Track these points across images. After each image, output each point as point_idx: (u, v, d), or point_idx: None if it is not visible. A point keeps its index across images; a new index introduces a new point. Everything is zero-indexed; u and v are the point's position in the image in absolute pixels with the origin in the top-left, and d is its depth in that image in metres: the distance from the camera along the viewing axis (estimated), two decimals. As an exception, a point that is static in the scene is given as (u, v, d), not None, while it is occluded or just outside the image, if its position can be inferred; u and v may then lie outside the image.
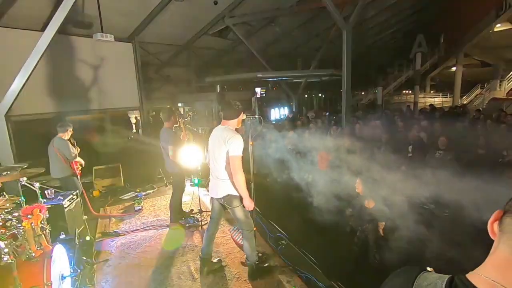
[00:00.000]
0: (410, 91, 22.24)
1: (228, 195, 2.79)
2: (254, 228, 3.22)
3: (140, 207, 4.81)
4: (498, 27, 15.08)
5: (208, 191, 3.30)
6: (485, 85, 18.64)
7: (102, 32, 7.82)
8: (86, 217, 4.09)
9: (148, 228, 4.15)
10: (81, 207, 4.07)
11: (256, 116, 3.10)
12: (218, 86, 11.66)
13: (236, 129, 2.84)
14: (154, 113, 14.77)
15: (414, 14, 19.50)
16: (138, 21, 10.51)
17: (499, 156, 5.24)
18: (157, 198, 5.29)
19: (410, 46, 19.22)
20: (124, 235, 3.99)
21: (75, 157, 4.38)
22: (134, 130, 14.62)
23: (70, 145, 4.37)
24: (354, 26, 8.98)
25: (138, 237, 3.93)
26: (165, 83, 14.61)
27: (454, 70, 18.59)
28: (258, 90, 14.52)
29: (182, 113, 12.92)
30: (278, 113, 15.64)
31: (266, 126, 9.05)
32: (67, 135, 4.34)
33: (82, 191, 4.29)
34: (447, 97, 22.07)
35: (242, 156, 2.77)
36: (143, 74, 12.47)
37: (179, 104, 13.13)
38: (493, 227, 0.70)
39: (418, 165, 5.79)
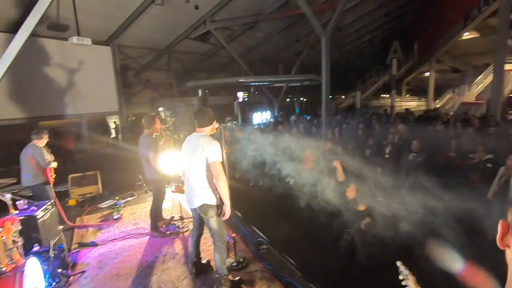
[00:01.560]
0: (387, 95, 23.08)
1: (204, 204, 2.77)
2: (233, 235, 3.25)
3: (119, 215, 4.70)
4: (466, 36, 16.03)
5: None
6: (456, 90, 19.69)
7: (79, 35, 7.62)
8: (62, 227, 3.96)
9: (128, 237, 4.06)
10: (57, 217, 3.94)
11: (232, 123, 3.12)
12: (200, 90, 11.60)
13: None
14: (134, 117, 14.47)
15: (390, 22, 20.34)
16: (117, 24, 10.32)
17: (467, 158, 5.56)
18: (137, 206, 5.19)
19: (387, 52, 20.01)
20: (102, 245, 3.89)
21: (49, 163, 4.24)
22: (114, 135, 14.25)
23: (45, 151, 4.23)
24: (333, 32, 9.27)
25: (116, 246, 3.84)
26: (145, 87, 14.36)
27: (428, 75, 19.51)
28: (240, 94, 14.56)
29: (163, 117, 12.78)
30: (260, 117, 15.75)
31: (248, 131, 9.11)
32: (42, 142, 4.19)
33: (54, 200, 4.14)
34: (421, 101, 23.08)
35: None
36: (123, 78, 12.23)
37: (160, 109, 12.94)
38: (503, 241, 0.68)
39: (393, 167, 6.05)
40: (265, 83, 14.02)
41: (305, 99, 23.47)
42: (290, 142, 7.54)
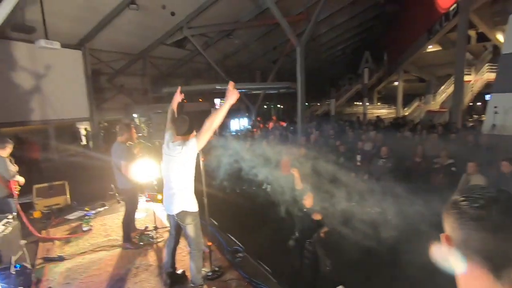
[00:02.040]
0: (360, 103, 24.07)
1: (182, 211, 2.76)
2: (209, 243, 3.23)
3: (89, 227, 4.49)
4: (430, 48, 17.19)
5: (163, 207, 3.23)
6: (422, 98, 20.98)
7: (47, 38, 7.31)
8: (25, 241, 3.72)
9: (98, 249, 3.89)
10: (19, 231, 3.69)
11: None
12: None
13: None
14: (106, 124, 13.94)
15: (361, 33, 21.36)
16: (89, 27, 10.00)
17: (431, 163, 5.92)
18: (109, 217, 4.98)
19: (359, 62, 20.98)
20: (69, 259, 3.69)
21: (14, 175, 3.99)
22: (84, 143, 13.63)
23: (9, 162, 3.97)
24: (308, 42, 9.58)
25: (86, 260, 3.67)
26: (119, 92, 13.94)
27: (396, 84, 20.63)
28: (217, 101, 14.53)
29: (138, 124, 12.44)
30: (237, 124, 15.79)
31: (225, 137, 9.12)
32: (5, 152, 3.94)
33: (18, 212, 3.89)
34: (392, 109, 24.31)
35: (196, 168, 2.83)
36: (95, 83, 11.82)
37: (134, 115, 12.59)
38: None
39: (365, 172, 6.32)
40: (242, 91, 14.11)
41: (282, 106, 23.88)
42: (266, 148, 7.64)
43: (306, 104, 23.59)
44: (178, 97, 3.27)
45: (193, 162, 2.75)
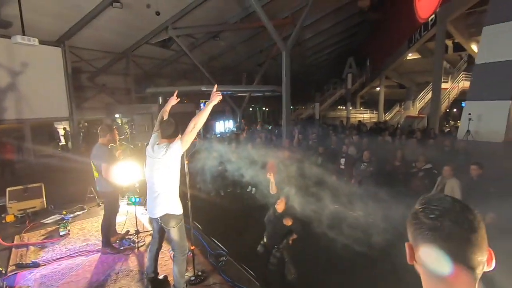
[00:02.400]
0: (343, 107, 24.59)
1: (166, 214, 2.72)
2: (193, 247, 3.20)
3: (67, 231, 4.32)
4: (410, 56, 17.83)
5: (146, 209, 3.17)
6: (402, 104, 21.71)
7: (24, 34, 7.01)
8: (-5, 247, 3.54)
9: (76, 254, 3.75)
10: (-10, 236, 3.51)
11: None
12: (160, 97, 11.26)
13: None
14: (86, 124, 13.51)
15: (345, 39, 21.87)
16: (69, 24, 9.70)
17: (410, 167, 6.13)
18: (88, 220, 4.82)
19: (343, 67, 21.45)
20: (45, 265, 3.54)
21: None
22: (63, 143, 13.13)
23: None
24: (293, 46, 9.71)
25: (62, 266, 3.53)
26: (101, 92, 13.56)
27: (378, 90, 21.23)
28: (202, 104, 14.43)
29: (120, 124, 12.14)
30: (223, 126, 15.72)
31: (209, 140, 9.06)
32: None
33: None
34: (374, 113, 24.99)
35: (181, 171, 2.82)
36: (75, 82, 11.45)
37: (116, 115, 12.27)
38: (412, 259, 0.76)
39: (348, 176, 6.46)
40: (228, 93, 14.09)
41: (267, 109, 24.02)
42: (251, 151, 7.66)
43: (291, 107, 23.87)
44: (173, 101, 3.28)
45: (177, 164, 2.73)
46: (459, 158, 6.20)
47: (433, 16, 12.31)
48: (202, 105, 14.47)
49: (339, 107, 26.53)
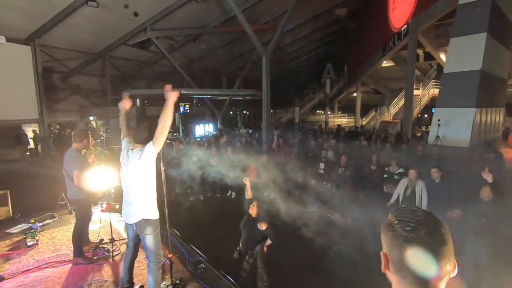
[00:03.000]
0: (322, 112, 25.16)
1: (142, 220, 2.64)
2: (170, 255, 3.13)
3: (35, 241, 4.07)
4: (384, 64, 18.62)
5: (122, 216, 3.06)
6: (378, 109, 22.58)
7: (-11, 31, 6.61)
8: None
9: (44, 266, 3.54)
10: None
11: (168, 140, 3.06)
12: (138, 100, 10.96)
13: None
14: (58, 126, 12.89)
15: (324, 45, 22.44)
16: (40, 22, 9.26)
17: (383, 172, 6.36)
18: (58, 229, 4.57)
19: (322, 72, 21.99)
20: (10, 278, 3.31)
21: None
22: (32, 146, 12.41)
23: None
24: (274, 51, 9.83)
25: (30, 279, 3.32)
26: (74, 93, 13.01)
27: (355, 95, 21.95)
28: (182, 107, 14.23)
29: (95, 127, 11.69)
30: (202, 129, 15.56)
31: (189, 144, 8.93)
32: None
33: None
34: (351, 118, 25.77)
35: (157, 177, 2.78)
36: (46, 82, 10.90)
37: (90, 118, 11.81)
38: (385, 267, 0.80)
39: (327, 180, 6.60)
40: (208, 96, 13.99)
41: (248, 112, 24.08)
42: (231, 156, 7.64)
43: (272, 111, 24.09)
44: (126, 104, 3.18)
45: (153, 168, 2.69)
46: (429, 162, 6.54)
47: (406, 26, 12.94)
48: (181, 108, 14.23)
49: (318, 111, 27.10)
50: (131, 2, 9.51)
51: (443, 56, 14.40)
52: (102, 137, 3.91)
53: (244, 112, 23.61)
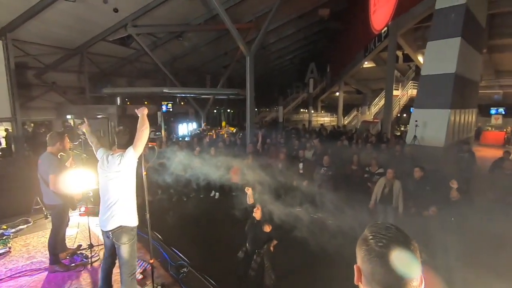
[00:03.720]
0: (306, 110, 25.47)
1: (119, 227, 2.57)
2: (151, 261, 3.08)
3: (7, 248, 3.89)
4: (366, 64, 19.06)
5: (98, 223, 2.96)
6: (359, 109, 23.13)
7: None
8: None
9: (18, 275, 3.39)
10: None
11: (149, 145, 3.01)
12: (118, 98, 10.68)
13: None
14: (33, 125, 12.33)
15: (307, 45, 22.69)
16: (12, 15, 8.81)
17: (365, 172, 6.53)
18: (33, 235, 4.37)
19: (305, 72, 22.23)
20: (-21, 288, 3.16)
21: None
22: (3, 146, 11.79)
23: None
24: (258, 50, 9.83)
25: (1, 288, 3.18)
26: (50, 90, 12.45)
27: (338, 95, 22.36)
28: (164, 106, 13.97)
29: (73, 126, 11.27)
30: (186, 128, 15.34)
31: (172, 144, 8.79)
32: None
33: None
34: (334, 117, 26.24)
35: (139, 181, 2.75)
36: (19, 78, 10.37)
37: (68, 117, 11.38)
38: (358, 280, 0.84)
39: (308, 181, 6.69)
40: (191, 95, 13.82)
41: (232, 111, 23.99)
42: (215, 156, 7.60)
43: (256, 110, 24.11)
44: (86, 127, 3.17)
45: (133, 172, 2.64)
46: (407, 162, 6.78)
47: (386, 28, 13.30)
48: (164, 107, 13.97)
49: (301, 110, 27.40)
50: (111, -3, 9.21)
51: (421, 58, 14.92)
52: (80, 139, 3.74)
53: (229, 110, 23.48)
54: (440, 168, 6.63)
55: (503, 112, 18.97)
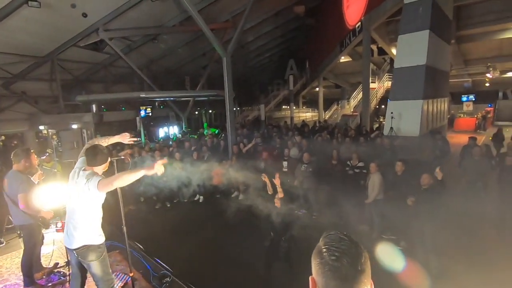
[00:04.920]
0: (288, 107, 25.64)
1: (84, 246, 2.45)
2: (131, 273, 3.03)
3: (-22, 272, 3.71)
4: (343, 59, 19.39)
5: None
6: (339, 103, 23.54)
7: None
8: None
9: (-10, 299, 3.25)
10: None
11: (122, 156, 2.93)
12: (94, 105, 10.34)
13: None
14: (3, 138, 11.76)
15: (285, 42, 22.80)
16: (-29, 25, 8.30)
17: (345, 166, 6.66)
18: (6, 256, 4.17)
19: (285, 69, 22.34)
20: (-52, 317, 3.00)
21: None
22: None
23: None
24: (236, 49, 9.77)
25: (-27, 315, 3.03)
26: (20, 100, 11.90)
27: (318, 90, 22.65)
28: (143, 111, 13.65)
29: (47, 136, 10.84)
30: (167, 132, 15.08)
31: (152, 148, 8.63)
32: None
33: None
34: (315, 112, 26.56)
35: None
36: (-16, 90, 9.86)
37: (41, 127, 10.93)
38: None
39: (291, 178, 6.76)
40: (170, 98, 13.57)
41: (214, 112, 23.80)
42: (197, 160, 7.54)
43: (238, 109, 24.04)
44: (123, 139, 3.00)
45: (97, 198, 2.46)
46: (386, 153, 6.99)
47: (360, 23, 13.58)
48: (143, 112, 13.66)
49: (283, 107, 27.56)
50: (79, 2, 8.88)
51: (394, 51, 15.32)
52: (47, 153, 3.58)
53: (210, 111, 23.28)
54: (417, 156, 6.88)
55: (473, 99, 19.90)
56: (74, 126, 8.66)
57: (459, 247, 4.26)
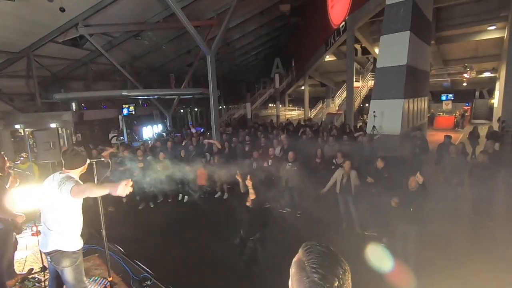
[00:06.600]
0: (274, 105, 25.71)
1: (57, 251, 2.37)
2: (110, 278, 2.95)
3: None
4: (328, 58, 19.61)
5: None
6: (324, 101, 23.83)
7: None
8: None
9: (-41, 309, 3.09)
10: None
11: (103, 159, 2.86)
12: (73, 103, 10.00)
13: None
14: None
15: (271, 40, 22.83)
16: None
17: (331, 164, 6.73)
18: (-23, 262, 4.00)
19: (271, 67, 22.37)
20: None
21: None
22: None
23: None
24: (222, 47, 9.69)
25: None
26: (-7, 98, 11.36)
27: (303, 88, 22.83)
28: (126, 109, 13.32)
29: (23, 135, 10.41)
30: (151, 131, 14.78)
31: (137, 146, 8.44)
32: None
33: None
34: (301, 110, 26.78)
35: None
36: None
37: (17, 126, 10.48)
38: None
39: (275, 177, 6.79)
40: (154, 97, 13.31)
41: (199, 110, 23.55)
42: (181, 160, 7.44)
43: (224, 107, 23.88)
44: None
45: (71, 203, 2.37)
46: (368, 151, 7.13)
47: (344, 23, 13.76)
48: (125, 110, 13.33)
49: (270, 105, 27.62)
50: (57, -4, 8.54)
51: (377, 51, 15.63)
52: (22, 157, 3.41)
53: (196, 109, 23.01)
54: (398, 154, 7.06)
55: (452, 98, 20.61)
56: (52, 125, 8.34)
57: (436, 243, 4.41)
